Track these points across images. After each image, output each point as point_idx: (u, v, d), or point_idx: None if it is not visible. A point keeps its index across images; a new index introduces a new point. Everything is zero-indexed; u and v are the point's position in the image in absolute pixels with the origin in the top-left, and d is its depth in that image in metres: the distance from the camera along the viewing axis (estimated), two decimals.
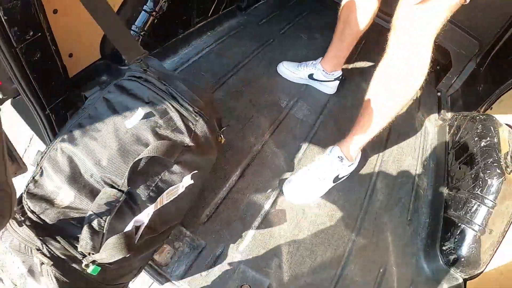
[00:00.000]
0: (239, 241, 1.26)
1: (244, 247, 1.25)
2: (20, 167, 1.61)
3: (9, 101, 1.60)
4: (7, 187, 0.66)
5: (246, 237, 1.28)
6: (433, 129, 2.02)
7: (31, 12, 1.24)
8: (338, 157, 1.44)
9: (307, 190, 1.42)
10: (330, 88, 1.92)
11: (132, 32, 1.77)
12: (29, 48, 1.29)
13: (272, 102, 1.79)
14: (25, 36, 1.25)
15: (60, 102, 1.52)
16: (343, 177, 1.50)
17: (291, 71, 1.92)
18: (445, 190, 1.62)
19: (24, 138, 2.76)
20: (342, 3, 1.66)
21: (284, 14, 2.52)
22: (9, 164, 1.61)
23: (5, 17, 1.14)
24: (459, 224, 1.41)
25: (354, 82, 2.06)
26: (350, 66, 2.18)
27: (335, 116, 1.83)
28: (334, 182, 1.46)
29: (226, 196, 1.38)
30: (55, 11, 1.45)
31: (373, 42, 1.83)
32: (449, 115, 2.10)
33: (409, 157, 1.79)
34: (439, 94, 2.30)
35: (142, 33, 1.78)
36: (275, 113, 1.74)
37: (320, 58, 1.89)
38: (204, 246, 1.22)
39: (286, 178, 1.47)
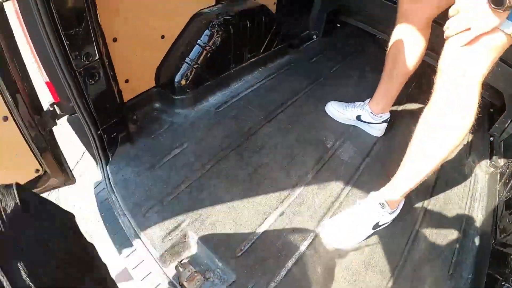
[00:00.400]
0: (270, 279, 1.29)
1: (275, 286, 1.28)
2: (69, 178, 1.74)
3: (65, 117, 1.74)
4: None
5: (278, 276, 1.31)
6: (483, 176, 1.96)
7: (92, 39, 1.34)
8: (380, 203, 1.44)
9: (345, 235, 1.43)
10: (378, 130, 1.92)
11: (185, 64, 1.87)
12: (88, 72, 1.39)
13: (318, 141, 1.84)
14: (85, 61, 1.35)
15: (113, 124, 1.63)
16: (384, 224, 1.49)
17: (339, 111, 1.95)
18: (491, 244, 1.56)
19: (77, 153, 2.97)
20: (390, 43, 1.66)
21: (335, 53, 2.57)
22: (60, 174, 1.73)
23: (68, 42, 1.25)
24: (503, 283, 1.34)
25: (403, 124, 2.04)
26: (400, 107, 2.16)
27: (381, 159, 1.83)
28: (373, 229, 1.46)
29: (263, 232, 1.43)
30: (114, 40, 1.58)
31: (424, 83, 1.81)
32: (501, 161, 2.01)
33: (455, 206, 1.74)
34: (492, 138, 2.22)
35: (195, 66, 1.88)
36: (321, 153, 1.78)
37: (368, 100, 1.91)
38: (235, 280, 1.26)
39: (325, 221, 1.49)
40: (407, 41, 1.59)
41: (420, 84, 2.28)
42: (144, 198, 1.53)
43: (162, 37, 1.82)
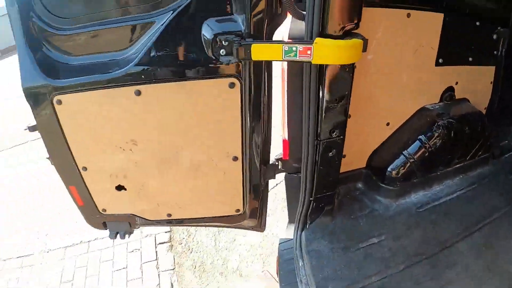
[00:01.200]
0: None
1: None
2: (260, 226, 2.01)
3: (283, 174, 1.99)
4: None
5: None
6: None
7: (342, 115, 1.51)
8: None
9: None
10: None
11: (402, 156, 2.04)
12: (328, 145, 1.57)
13: (509, 274, 1.85)
14: (330, 135, 1.53)
15: (325, 196, 1.82)
16: None
17: None
18: None
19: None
20: None
21: None
22: (255, 220, 1.97)
23: (324, 114, 1.42)
24: None
25: None
26: None
27: None
28: None
29: None
30: (349, 116, 1.70)
31: None
32: None
33: None
34: None
35: (411, 160, 2.04)
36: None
37: None
38: None
39: None
40: None
41: None
42: (333, 276, 1.70)
43: (387, 124, 1.99)
